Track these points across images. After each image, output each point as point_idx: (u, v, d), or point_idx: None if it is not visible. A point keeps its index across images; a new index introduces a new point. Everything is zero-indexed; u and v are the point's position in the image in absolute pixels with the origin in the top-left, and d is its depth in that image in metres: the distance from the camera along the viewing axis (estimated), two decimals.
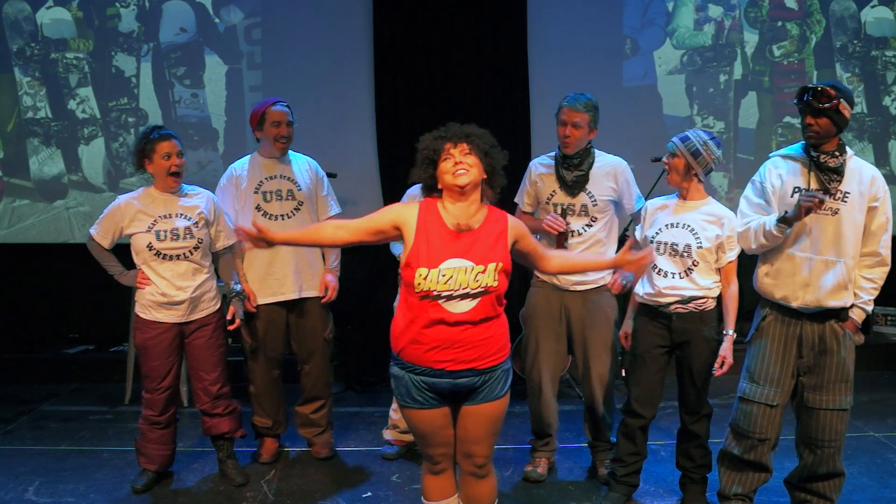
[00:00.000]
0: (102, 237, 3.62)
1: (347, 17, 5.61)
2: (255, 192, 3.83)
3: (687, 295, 3.27)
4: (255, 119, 3.85)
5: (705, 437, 3.43)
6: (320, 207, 3.99)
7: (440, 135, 2.66)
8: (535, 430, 3.86)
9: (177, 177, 3.57)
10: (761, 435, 3.15)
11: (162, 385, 3.62)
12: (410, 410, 2.71)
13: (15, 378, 5.47)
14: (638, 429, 3.44)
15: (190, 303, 3.59)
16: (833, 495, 3.18)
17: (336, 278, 4.00)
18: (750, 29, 5.75)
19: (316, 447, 4.11)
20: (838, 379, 3.09)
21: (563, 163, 3.64)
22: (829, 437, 3.10)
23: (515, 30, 5.57)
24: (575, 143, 3.58)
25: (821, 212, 2.99)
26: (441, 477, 2.85)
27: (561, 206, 3.64)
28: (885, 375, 5.25)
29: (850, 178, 3.03)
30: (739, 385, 3.24)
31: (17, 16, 5.61)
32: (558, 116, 3.62)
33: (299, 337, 3.97)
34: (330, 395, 4.12)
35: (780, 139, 5.75)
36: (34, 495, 3.71)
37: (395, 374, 2.73)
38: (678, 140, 3.30)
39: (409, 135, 5.70)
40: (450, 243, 2.61)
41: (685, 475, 3.51)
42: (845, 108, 2.96)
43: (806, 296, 3.05)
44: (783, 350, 3.14)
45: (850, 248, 3.04)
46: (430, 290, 2.56)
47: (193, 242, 3.56)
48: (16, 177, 5.74)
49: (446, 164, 2.62)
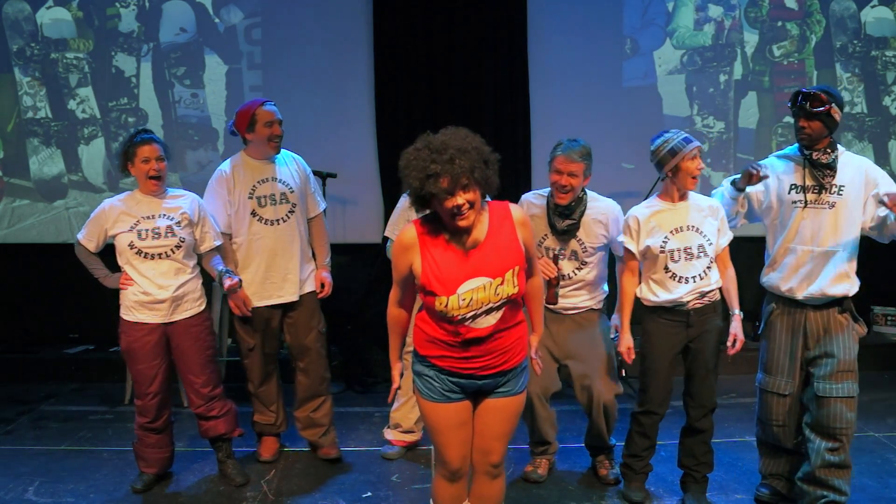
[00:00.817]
0: (88, 241, 3.64)
1: (347, 17, 5.62)
2: (250, 198, 3.78)
3: (706, 290, 3.35)
4: (243, 121, 3.76)
5: (710, 433, 3.45)
6: (310, 205, 3.96)
7: (433, 170, 2.36)
8: (536, 439, 3.84)
9: (157, 180, 3.58)
10: (778, 422, 3.36)
11: (151, 390, 3.60)
12: (433, 405, 2.67)
13: (15, 378, 5.46)
14: (652, 427, 3.49)
15: (172, 301, 3.57)
16: (847, 488, 3.24)
17: (330, 274, 4.01)
18: (750, 29, 5.75)
19: (323, 449, 4.04)
20: (846, 368, 3.20)
21: (556, 210, 3.58)
22: (842, 425, 3.18)
23: (515, 30, 5.57)
24: (571, 194, 3.52)
25: (818, 206, 3.18)
26: (456, 485, 2.79)
27: (552, 251, 3.61)
28: (885, 375, 5.25)
29: (843, 173, 3.19)
30: (756, 376, 3.45)
31: (17, 16, 5.61)
32: (552, 165, 3.51)
33: (294, 332, 3.95)
34: (329, 391, 4.07)
35: (780, 139, 5.75)
36: (34, 495, 3.71)
37: (420, 370, 2.69)
38: (698, 145, 3.32)
39: (409, 135, 5.69)
40: (461, 264, 2.52)
41: (687, 474, 3.52)
42: (836, 112, 3.16)
43: (810, 287, 3.21)
44: (791, 341, 3.32)
45: (848, 238, 3.19)
46: (454, 316, 2.53)
47: (175, 241, 3.56)
48: (16, 177, 5.74)
49: (445, 205, 2.42)
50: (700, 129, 5.77)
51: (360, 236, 5.56)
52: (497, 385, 2.68)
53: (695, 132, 5.76)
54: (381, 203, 5.69)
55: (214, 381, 3.72)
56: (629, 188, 3.79)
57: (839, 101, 3.18)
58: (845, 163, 3.21)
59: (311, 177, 4.01)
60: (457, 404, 2.67)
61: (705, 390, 3.40)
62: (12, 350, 5.71)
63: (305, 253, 3.94)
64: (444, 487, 2.81)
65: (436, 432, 2.72)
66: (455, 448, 2.72)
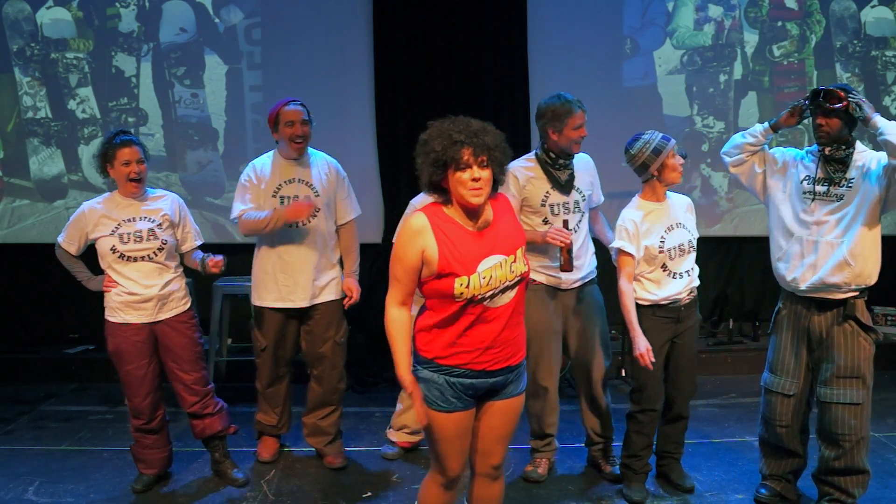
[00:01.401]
0: (69, 244, 3.63)
1: (347, 17, 5.61)
2: (273, 196, 3.76)
3: (694, 285, 3.50)
4: (270, 121, 3.79)
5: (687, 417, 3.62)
6: (339, 211, 3.90)
7: (458, 138, 2.46)
8: (536, 431, 3.86)
9: (137, 182, 3.57)
10: (782, 422, 3.36)
11: (141, 390, 3.59)
12: (441, 414, 2.60)
13: (15, 378, 5.46)
14: (650, 425, 3.55)
15: (158, 300, 3.57)
16: (855, 491, 3.26)
17: (357, 282, 3.94)
18: (750, 29, 5.75)
19: (328, 457, 3.99)
20: (847, 374, 3.19)
21: (554, 164, 3.65)
22: (844, 431, 3.19)
23: (515, 30, 5.57)
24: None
25: (827, 198, 3.19)
26: (451, 492, 2.77)
27: (556, 206, 3.63)
28: (885, 375, 5.25)
29: (856, 166, 3.19)
30: (762, 375, 3.46)
31: (17, 16, 5.61)
32: (570, 121, 3.54)
33: (309, 340, 3.91)
34: (341, 402, 4.01)
35: (780, 139, 5.73)
36: (34, 495, 3.71)
37: (425, 377, 2.61)
38: (675, 142, 3.45)
39: (409, 135, 5.76)
40: (477, 244, 2.55)
41: (668, 458, 3.67)
42: (854, 109, 3.11)
43: (812, 276, 3.19)
44: (796, 343, 3.32)
45: (854, 230, 3.16)
46: (476, 296, 2.52)
47: (157, 244, 3.56)
48: (16, 177, 5.74)
49: (462, 174, 2.48)
50: (700, 129, 5.77)
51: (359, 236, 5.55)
52: (506, 383, 2.67)
53: (695, 132, 5.77)
54: (381, 203, 5.69)
55: (206, 377, 3.72)
56: (629, 188, 3.78)
57: (857, 98, 3.13)
58: (860, 157, 3.20)
59: (345, 182, 3.94)
60: (461, 413, 2.63)
61: (692, 381, 3.57)
62: (12, 350, 5.70)
63: (326, 259, 3.86)
64: (438, 494, 2.77)
65: (439, 441, 2.67)
66: (457, 457, 2.70)
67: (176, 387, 3.69)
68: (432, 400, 2.60)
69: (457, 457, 2.69)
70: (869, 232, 3.16)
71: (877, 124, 3.02)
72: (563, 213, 3.63)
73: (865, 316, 3.22)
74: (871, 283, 3.20)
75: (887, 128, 2.99)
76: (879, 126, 3.01)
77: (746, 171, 3.37)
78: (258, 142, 5.55)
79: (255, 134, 5.65)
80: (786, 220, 3.28)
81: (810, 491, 3.47)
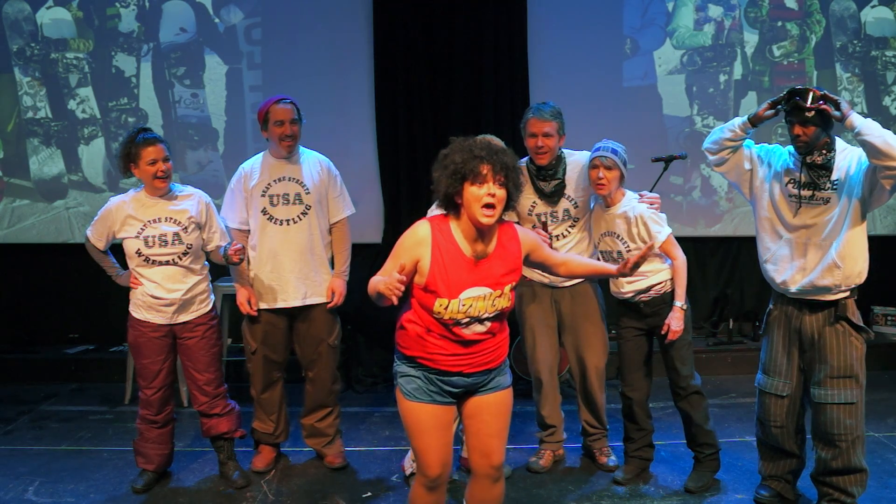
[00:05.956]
0: (97, 240, 3.64)
1: (347, 17, 5.62)
2: (262, 196, 3.74)
3: (643, 286, 3.52)
4: (260, 118, 3.75)
5: (697, 416, 3.59)
6: (332, 210, 3.86)
7: (479, 154, 2.53)
8: (539, 421, 3.93)
9: (164, 180, 3.55)
10: (776, 422, 3.35)
11: (154, 384, 3.62)
12: (416, 404, 2.67)
13: (15, 378, 5.46)
14: (632, 408, 3.66)
15: (180, 305, 3.58)
16: (854, 490, 3.25)
17: (344, 283, 3.90)
18: (750, 29, 5.75)
19: (328, 457, 3.98)
20: (841, 374, 3.18)
21: (539, 174, 3.65)
22: (840, 431, 3.19)
23: (515, 30, 5.58)
24: (549, 154, 3.60)
25: (813, 202, 3.15)
26: (434, 494, 2.76)
27: (543, 215, 3.67)
28: (885, 375, 5.26)
29: (839, 167, 3.14)
30: (756, 377, 3.45)
31: (17, 16, 5.61)
32: (526, 129, 3.61)
33: (302, 343, 3.89)
34: (337, 403, 4.01)
35: (780, 139, 5.74)
36: (34, 495, 3.71)
37: (404, 371, 2.71)
38: (610, 153, 3.46)
39: (409, 135, 5.77)
40: (468, 272, 2.61)
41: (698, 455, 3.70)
42: (828, 109, 3.01)
43: (802, 279, 3.17)
44: (788, 344, 3.31)
45: (841, 231, 3.14)
46: (450, 319, 2.60)
47: (182, 248, 3.55)
48: (16, 177, 5.74)
49: (478, 189, 2.53)
50: (700, 129, 5.77)
51: (359, 236, 5.51)
52: (485, 382, 2.73)
53: (695, 132, 5.76)
54: (381, 203, 5.69)
55: (219, 379, 3.73)
56: (629, 188, 3.79)
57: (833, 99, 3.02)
58: (842, 157, 3.15)
59: (337, 180, 3.90)
60: (440, 407, 2.69)
61: (675, 377, 3.64)
62: (12, 350, 5.71)
63: (319, 258, 3.83)
64: (421, 496, 2.77)
65: (416, 434, 2.70)
66: (435, 452, 2.69)
67: (189, 384, 3.73)
68: (411, 392, 2.68)
69: (435, 452, 2.69)
70: (856, 232, 3.13)
71: (853, 123, 2.94)
72: (550, 223, 3.67)
73: (856, 316, 3.21)
74: (860, 283, 3.19)
75: (865, 127, 2.92)
76: (857, 125, 2.93)
77: (733, 168, 3.33)
78: (258, 142, 5.54)
79: (255, 134, 5.63)
80: (773, 222, 3.27)
81: (810, 492, 3.46)
